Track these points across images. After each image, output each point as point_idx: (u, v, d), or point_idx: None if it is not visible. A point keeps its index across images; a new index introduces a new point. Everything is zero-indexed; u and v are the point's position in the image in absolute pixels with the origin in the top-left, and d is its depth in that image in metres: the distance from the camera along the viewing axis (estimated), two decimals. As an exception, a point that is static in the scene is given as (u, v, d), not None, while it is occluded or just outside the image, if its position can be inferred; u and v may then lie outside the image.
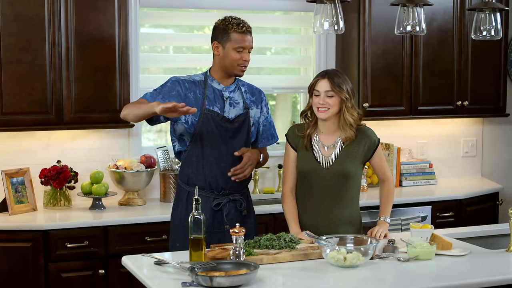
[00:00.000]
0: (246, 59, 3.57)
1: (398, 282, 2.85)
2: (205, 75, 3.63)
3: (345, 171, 3.44)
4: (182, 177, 3.62)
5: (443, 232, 3.55)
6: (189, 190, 3.54)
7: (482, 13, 3.66)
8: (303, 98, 5.16)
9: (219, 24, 3.57)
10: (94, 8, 4.18)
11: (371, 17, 4.79)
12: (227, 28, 3.53)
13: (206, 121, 3.53)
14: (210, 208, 3.53)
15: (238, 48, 3.53)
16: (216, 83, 3.60)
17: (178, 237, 3.55)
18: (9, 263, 3.87)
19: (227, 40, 3.53)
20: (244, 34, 3.54)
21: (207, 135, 3.54)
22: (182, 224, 3.50)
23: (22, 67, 4.06)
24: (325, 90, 3.41)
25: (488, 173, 5.62)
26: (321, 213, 3.47)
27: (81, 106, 4.20)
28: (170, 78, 3.62)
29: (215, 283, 2.65)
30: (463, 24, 5.06)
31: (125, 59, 4.28)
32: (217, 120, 3.55)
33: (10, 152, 4.35)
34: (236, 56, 3.54)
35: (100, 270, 3.99)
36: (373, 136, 3.53)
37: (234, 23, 3.53)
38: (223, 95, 3.59)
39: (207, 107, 3.54)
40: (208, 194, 3.54)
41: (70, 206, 4.32)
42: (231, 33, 3.52)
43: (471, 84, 5.15)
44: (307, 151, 3.50)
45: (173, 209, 3.67)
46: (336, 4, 3.34)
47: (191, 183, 3.54)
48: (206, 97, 3.55)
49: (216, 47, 3.57)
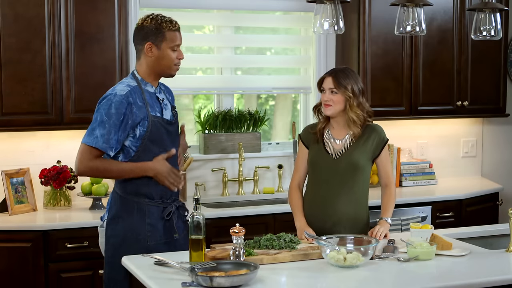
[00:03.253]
0: (182, 57, 3.38)
1: (398, 282, 2.85)
2: (135, 79, 3.35)
3: (353, 162, 3.50)
4: (128, 188, 3.31)
5: (443, 232, 3.55)
6: (138, 201, 3.30)
7: (482, 13, 3.66)
8: (303, 98, 5.16)
9: (148, 24, 3.32)
10: (94, 8, 4.18)
11: (371, 17, 4.79)
12: (160, 27, 3.30)
13: (155, 128, 3.30)
14: (162, 218, 3.33)
15: (174, 46, 3.32)
16: (149, 86, 3.36)
17: (124, 252, 3.20)
18: (9, 263, 3.87)
19: (162, 39, 3.30)
20: (177, 32, 3.35)
21: (156, 142, 3.31)
22: (134, 237, 3.27)
23: (22, 67, 4.06)
24: (329, 88, 3.51)
25: (488, 173, 5.62)
26: (329, 205, 3.52)
27: (81, 106, 4.20)
28: (106, 100, 3.25)
29: (215, 283, 2.65)
30: (463, 24, 5.06)
31: (125, 59, 4.28)
32: (164, 125, 3.34)
33: (10, 152, 4.35)
34: (173, 55, 3.33)
35: (100, 270, 3.98)
36: (383, 133, 3.61)
37: (167, 21, 3.33)
38: (158, 98, 3.39)
39: (152, 114, 3.30)
40: (158, 203, 3.33)
41: (70, 206, 4.32)
42: (166, 32, 3.30)
43: (471, 84, 5.15)
44: (318, 144, 3.59)
45: (112, 223, 3.32)
46: (336, 4, 3.34)
47: (141, 194, 3.31)
48: (148, 103, 3.31)
49: (149, 48, 3.31)
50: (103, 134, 3.22)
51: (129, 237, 3.29)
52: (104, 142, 3.22)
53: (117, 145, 3.25)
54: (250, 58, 5.05)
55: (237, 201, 4.74)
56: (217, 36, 4.95)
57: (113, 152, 3.26)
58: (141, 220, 3.30)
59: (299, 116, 5.19)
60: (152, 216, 3.32)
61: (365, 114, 3.55)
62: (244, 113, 4.89)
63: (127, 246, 3.26)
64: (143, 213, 3.31)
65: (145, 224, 3.30)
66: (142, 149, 3.30)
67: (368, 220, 3.60)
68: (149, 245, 3.27)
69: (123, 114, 3.23)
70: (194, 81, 4.95)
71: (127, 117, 3.24)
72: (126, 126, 3.24)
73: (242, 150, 4.75)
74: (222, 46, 4.94)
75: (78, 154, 3.27)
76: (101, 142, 3.21)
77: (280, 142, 5.14)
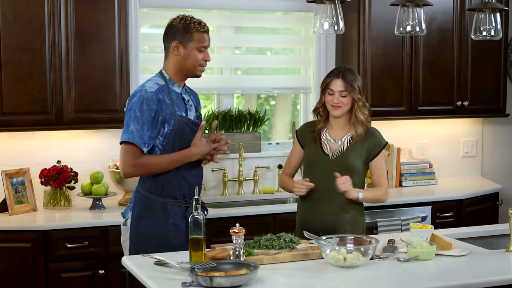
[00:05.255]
0: (208, 59, 3.43)
1: (398, 282, 2.85)
2: (163, 78, 3.41)
3: (349, 164, 3.50)
4: (153, 187, 3.37)
5: (443, 232, 3.54)
6: (162, 201, 3.35)
7: (482, 13, 3.66)
8: (303, 98, 5.16)
9: (177, 23, 3.38)
10: (94, 8, 4.18)
11: (371, 17, 4.79)
12: (188, 27, 3.36)
13: (181, 128, 3.35)
14: (185, 218, 3.37)
15: (201, 47, 3.38)
16: (176, 86, 3.42)
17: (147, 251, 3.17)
18: (9, 263, 3.87)
19: (189, 39, 3.36)
20: (206, 33, 3.40)
21: (181, 142, 3.36)
22: (159, 237, 3.33)
23: (22, 67, 4.06)
24: (339, 90, 3.49)
25: (488, 173, 5.62)
26: (325, 205, 3.51)
27: (81, 106, 4.20)
28: (138, 97, 3.30)
29: (215, 283, 2.65)
30: (463, 24, 5.06)
31: (125, 59, 4.28)
32: (189, 125, 3.39)
33: (10, 152, 4.35)
34: (199, 56, 3.38)
35: (100, 270, 3.99)
36: (381, 137, 3.60)
37: (196, 22, 3.38)
38: (184, 99, 3.45)
39: (178, 113, 3.36)
40: (181, 203, 3.39)
41: (70, 206, 4.32)
42: (193, 32, 3.36)
43: (471, 84, 5.15)
44: (315, 143, 3.58)
45: (136, 222, 3.38)
46: (336, 4, 3.34)
47: (166, 194, 3.37)
48: (174, 102, 3.38)
49: (176, 47, 3.37)
50: (138, 130, 3.26)
51: (153, 236, 3.33)
52: (139, 137, 3.26)
53: (149, 141, 3.30)
54: (250, 58, 5.05)
55: (237, 201, 4.74)
56: (217, 36, 4.95)
57: (146, 148, 3.30)
58: (165, 219, 3.35)
59: (299, 116, 5.19)
60: (175, 216, 3.37)
61: (369, 113, 3.56)
62: (244, 113, 4.89)
63: (151, 245, 3.31)
64: (167, 213, 3.35)
65: (169, 224, 3.35)
66: (168, 148, 3.34)
67: (364, 222, 3.60)
68: (172, 244, 3.32)
69: (154, 110, 3.28)
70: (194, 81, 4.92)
71: (158, 114, 3.30)
72: (157, 123, 3.30)
73: (242, 150, 4.75)
74: (222, 46, 4.94)
75: (121, 157, 3.33)
76: (137, 137, 3.26)
77: (280, 142, 5.15)
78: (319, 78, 5.05)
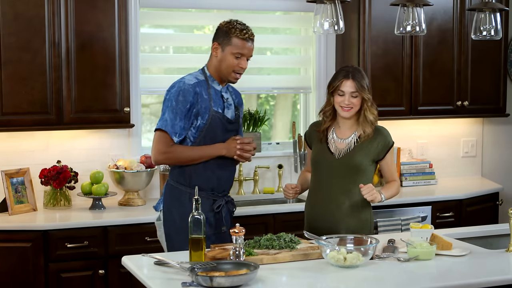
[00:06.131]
0: (243, 67, 3.48)
1: (398, 282, 2.85)
2: (204, 74, 3.53)
3: (355, 163, 3.49)
4: (181, 178, 3.50)
5: (443, 232, 3.54)
6: (190, 192, 3.45)
7: (482, 13, 3.66)
8: (303, 98, 5.16)
9: (222, 26, 3.48)
10: (94, 8, 4.18)
11: (371, 17, 4.79)
12: (229, 31, 3.44)
13: (214, 123, 3.45)
14: (212, 211, 3.50)
15: (237, 54, 3.45)
16: (216, 84, 3.53)
17: (179, 243, 3.39)
18: (9, 263, 3.87)
19: (227, 43, 3.45)
20: (245, 41, 3.47)
21: (212, 136, 3.46)
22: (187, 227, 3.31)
23: (22, 66, 4.06)
24: (351, 91, 3.48)
25: (488, 173, 5.62)
26: (331, 205, 3.51)
27: (81, 106, 4.20)
28: (176, 88, 3.43)
29: (215, 283, 2.65)
30: (463, 24, 5.06)
31: (125, 59, 4.28)
32: (223, 122, 3.49)
33: (10, 152, 4.35)
34: (234, 62, 3.46)
35: (100, 270, 3.99)
36: (389, 137, 3.59)
37: (238, 28, 3.45)
38: (223, 96, 3.55)
39: (214, 109, 3.46)
40: (208, 195, 3.49)
41: (70, 206, 4.32)
42: (232, 37, 3.44)
43: (471, 84, 5.15)
44: (321, 143, 3.59)
45: (167, 213, 3.50)
46: (336, 4, 3.34)
47: (193, 185, 3.43)
48: (212, 98, 3.48)
49: (215, 48, 3.49)
50: (172, 119, 3.40)
51: (184, 226, 3.32)
52: (171, 126, 3.39)
53: (181, 132, 3.41)
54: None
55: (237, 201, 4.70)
56: (217, 36, 4.95)
57: (177, 138, 3.41)
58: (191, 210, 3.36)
59: (299, 116, 5.19)
60: (203, 207, 3.36)
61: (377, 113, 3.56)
62: (244, 113, 4.89)
63: (181, 235, 3.35)
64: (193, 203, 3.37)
65: None
66: (199, 141, 3.44)
67: (371, 220, 3.59)
68: None
69: (189, 102, 3.40)
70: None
71: (193, 106, 3.41)
72: (190, 115, 3.41)
73: (242, 150, 4.75)
74: (222, 46, 4.93)
75: (153, 143, 3.46)
76: (169, 126, 3.39)
77: (280, 142, 5.14)
78: (319, 78, 5.06)
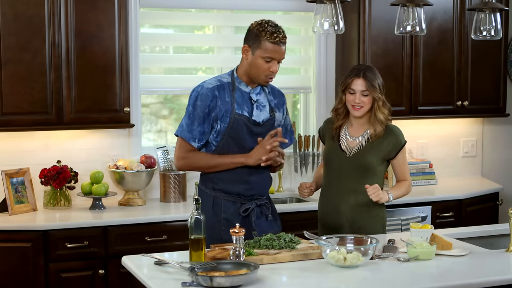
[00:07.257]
0: (274, 71, 3.39)
1: (398, 282, 2.85)
2: (232, 76, 3.46)
3: (366, 162, 3.50)
4: (207, 182, 3.46)
5: (443, 232, 3.54)
6: (215, 195, 3.42)
7: (482, 13, 3.66)
8: (303, 98, 5.16)
9: (253, 28, 3.38)
10: (94, 8, 4.18)
11: (371, 17, 4.79)
12: (260, 34, 3.34)
13: (236, 126, 3.37)
14: (239, 214, 3.42)
15: (267, 58, 3.35)
16: (244, 85, 3.44)
17: None
18: (9, 263, 3.87)
19: (257, 47, 3.35)
20: (276, 45, 3.35)
21: (237, 140, 3.39)
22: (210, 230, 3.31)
23: (22, 67, 4.06)
24: (361, 90, 3.48)
25: (488, 173, 5.62)
26: (342, 202, 3.53)
27: (81, 106, 4.20)
28: (194, 93, 3.41)
29: (215, 283, 2.65)
30: (463, 24, 5.06)
31: (125, 59, 4.28)
32: (248, 124, 3.40)
33: (10, 152, 4.35)
34: (264, 66, 3.37)
35: (100, 270, 3.99)
36: (400, 136, 3.59)
37: (269, 31, 3.33)
38: (251, 98, 3.45)
39: (237, 111, 3.38)
40: (235, 199, 3.43)
41: (70, 206, 4.32)
42: (263, 41, 3.33)
43: (471, 84, 5.15)
44: (333, 140, 3.60)
45: None
46: (336, 4, 3.34)
47: (217, 189, 3.42)
48: (235, 100, 3.40)
49: (245, 50, 3.40)
50: (188, 124, 3.39)
51: (206, 229, 3.28)
52: (188, 131, 3.38)
53: (201, 137, 3.38)
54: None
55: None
56: (217, 36, 4.95)
57: (197, 144, 3.38)
58: (217, 214, 3.39)
59: (299, 116, 5.19)
60: (228, 210, 3.38)
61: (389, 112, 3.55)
62: (244, 113, 4.88)
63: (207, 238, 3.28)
64: (219, 207, 3.39)
65: (221, 219, 3.39)
66: (222, 146, 3.40)
67: (384, 218, 3.61)
68: (224, 240, 3.31)
69: (207, 106, 3.37)
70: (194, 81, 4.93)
71: (211, 110, 3.37)
72: (210, 119, 3.37)
73: (242, 150, 4.74)
74: (222, 46, 4.93)
75: (175, 149, 3.45)
76: (186, 131, 3.39)
77: (280, 142, 5.13)
78: (319, 78, 5.06)
